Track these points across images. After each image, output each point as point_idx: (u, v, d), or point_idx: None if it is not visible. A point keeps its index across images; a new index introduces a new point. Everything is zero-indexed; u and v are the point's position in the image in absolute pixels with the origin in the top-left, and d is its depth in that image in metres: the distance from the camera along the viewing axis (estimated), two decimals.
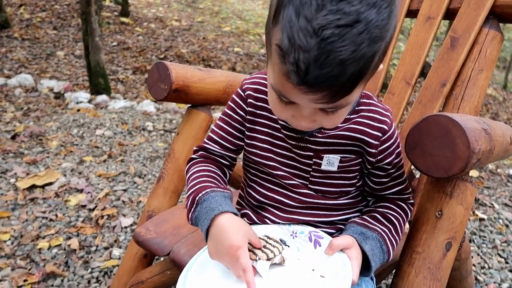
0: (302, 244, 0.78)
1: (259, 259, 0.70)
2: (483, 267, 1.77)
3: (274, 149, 0.82)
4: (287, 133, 0.80)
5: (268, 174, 0.84)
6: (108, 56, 6.31)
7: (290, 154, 0.81)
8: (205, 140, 0.90)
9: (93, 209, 1.98)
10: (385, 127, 0.77)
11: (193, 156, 0.91)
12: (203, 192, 0.76)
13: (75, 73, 5.28)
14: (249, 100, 0.84)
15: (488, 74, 1.16)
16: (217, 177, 0.84)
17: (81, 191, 2.13)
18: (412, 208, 0.87)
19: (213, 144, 0.89)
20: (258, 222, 0.85)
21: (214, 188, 0.78)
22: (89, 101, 3.71)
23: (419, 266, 0.80)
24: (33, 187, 2.11)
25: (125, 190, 2.18)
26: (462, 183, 0.80)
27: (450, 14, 1.23)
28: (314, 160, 0.79)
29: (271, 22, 0.57)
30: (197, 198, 0.76)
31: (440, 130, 0.68)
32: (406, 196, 0.86)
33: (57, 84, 4.05)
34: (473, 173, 2.72)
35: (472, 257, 1.81)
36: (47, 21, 7.78)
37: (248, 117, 0.84)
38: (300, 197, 0.82)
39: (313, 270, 0.72)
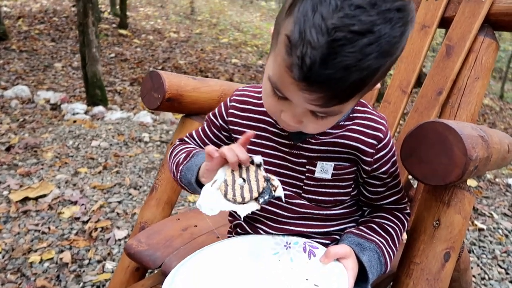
0: (296, 255, 0.75)
1: (225, 181, 0.65)
2: (483, 278, 1.74)
3: (265, 158, 0.80)
4: (279, 140, 0.79)
5: None
6: (105, 68, 6.32)
7: (283, 163, 0.79)
8: (187, 134, 0.92)
9: (87, 222, 1.94)
10: (381, 135, 0.76)
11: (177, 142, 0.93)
12: (197, 150, 0.80)
13: (72, 85, 5.28)
14: (230, 110, 0.84)
15: (485, 82, 1.15)
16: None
17: (75, 203, 2.10)
18: (408, 218, 0.85)
19: (192, 140, 0.90)
20: (252, 233, 0.82)
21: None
22: (86, 112, 3.70)
23: (417, 277, 0.78)
24: (26, 199, 2.08)
25: (119, 202, 2.15)
26: (460, 192, 0.78)
27: (445, 23, 1.22)
28: (307, 167, 0.77)
29: (285, 13, 0.57)
30: (191, 154, 0.79)
31: (436, 137, 0.67)
32: (403, 205, 0.85)
33: (54, 96, 4.04)
34: (471, 182, 2.71)
35: (472, 268, 1.78)
36: (45, 33, 7.82)
37: (230, 127, 0.84)
38: (294, 207, 0.79)
39: (307, 279, 0.69)
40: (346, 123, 0.77)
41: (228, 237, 0.90)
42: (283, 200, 0.73)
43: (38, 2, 9.96)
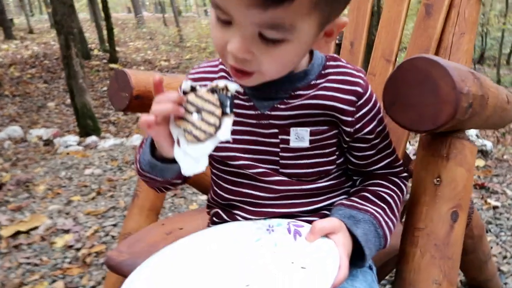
0: (280, 238, 0.65)
1: (184, 130, 0.57)
2: (505, 257, 1.62)
3: (232, 136, 0.71)
4: (244, 112, 0.69)
5: (231, 166, 0.72)
6: (99, 101, 6.33)
7: (251, 138, 0.69)
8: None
9: (81, 248, 1.85)
10: (359, 89, 0.66)
11: None
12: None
13: (66, 121, 5.27)
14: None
15: (471, 37, 1.07)
16: None
17: (68, 231, 2.01)
18: (406, 183, 0.75)
19: None
20: (229, 220, 0.73)
21: None
22: (79, 144, 3.65)
23: (423, 244, 0.68)
24: (17, 233, 1.99)
25: (114, 225, 2.06)
26: (459, 142, 0.69)
27: None
28: (280, 137, 0.67)
29: None
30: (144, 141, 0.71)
31: (418, 75, 0.59)
32: (398, 169, 0.74)
33: (46, 132, 4.00)
34: (479, 162, 2.60)
35: (492, 247, 1.66)
36: (37, 76, 7.89)
37: None
38: (272, 186, 0.69)
39: (292, 263, 0.59)
40: (318, 81, 0.67)
41: None
42: (241, 91, 0.61)
43: (29, 49, 10.13)
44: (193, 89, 0.58)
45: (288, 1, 0.48)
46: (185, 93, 0.58)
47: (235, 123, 0.68)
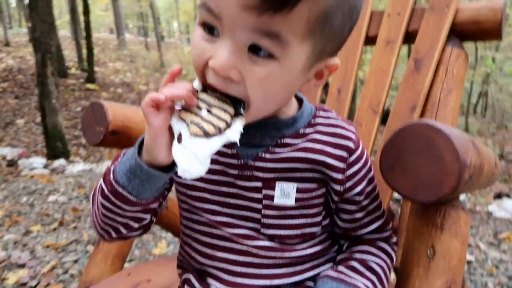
0: None
1: (191, 122, 0.51)
2: None
3: (210, 186, 0.63)
4: (226, 160, 0.62)
5: (207, 223, 0.64)
6: (71, 122, 6.13)
7: (233, 191, 0.63)
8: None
9: (35, 287, 1.69)
10: (351, 144, 0.62)
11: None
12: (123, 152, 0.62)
13: (34, 140, 5.04)
14: None
15: (459, 94, 1.07)
16: None
17: (23, 266, 1.85)
18: (396, 250, 0.70)
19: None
20: None
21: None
22: (45, 167, 3.47)
23: None
24: None
25: (75, 261, 1.91)
26: (454, 211, 0.65)
27: (409, 37, 1.16)
28: (264, 192, 0.61)
29: None
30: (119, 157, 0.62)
31: (421, 141, 0.55)
32: (388, 233, 0.69)
33: (11, 152, 3.80)
34: None
35: None
36: (9, 91, 7.62)
37: None
38: (252, 250, 0.62)
39: None
40: (307, 130, 0.62)
41: None
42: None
43: (3, 62, 9.83)
44: (205, 89, 0.53)
45: (287, 9, 0.45)
46: (197, 91, 0.54)
47: (214, 172, 0.62)
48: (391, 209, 1.07)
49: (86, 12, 7.62)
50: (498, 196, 3.18)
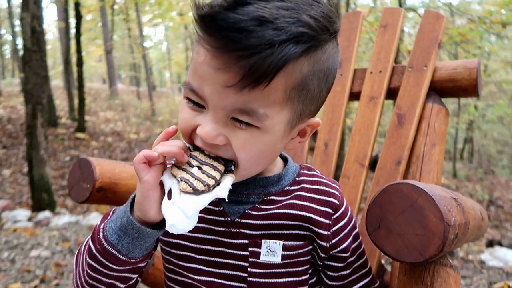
0: None
1: (181, 179, 0.51)
2: None
3: (195, 245, 0.63)
4: (212, 218, 0.63)
5: (192, 285, 0.64)
6: (59, 172, 6.05)
7: (219, 249, 0.63)
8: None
9: None
10: (335, 201, 0.64)
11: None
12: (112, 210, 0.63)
13: (19, 191, 4.94)
14: None
15: (442, 148, 1.10)
16: None
17: None
18: None
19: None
20: None
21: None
22: (29, 219, 3.37)
23: None
24: None
25: None
26: (442, 269, 0.65)
27: (392, 94, 1.21)
28: (250, 249, 0.61)
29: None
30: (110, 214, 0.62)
31: (404, 201, 0.56)
32: None
33: None
34: None
35: None
36: None
37: None
38: None
39: None
40: (292, 187, 0.64)
41: None
42: None
43: None
44: (197, 147, 0.56)
45: (264, 83, 0.48)
46: (189, 149, 0.56)
47: (203, 230, 0.63)
48: (382, 264, 1.06)
49: (80, 63, 7.79)
50: (490, 243, 3.16)
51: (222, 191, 0.52)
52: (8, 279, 2.22)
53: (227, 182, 0.53)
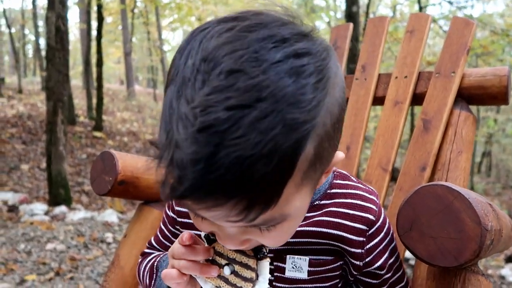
0: None
1: None
2: None
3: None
4: None
5: None
6: (75, 168, 6.14)
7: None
8: (147, 244, 0.74)
9: None
10: (371, 216, 0.57)
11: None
12: (161, 256, 0.63)
13: (37, 186, 5.02)
14: (177, 208, 0.66)
15: (468, 156, 1.08)
16: None
17: None
18: None
19: (153, 249, 0.72)
20: None
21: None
22: (46, 213, 3.42)
23: None
24: None
25: None
26: (474, 277, 0.63)
27: (417, 99, 1.19)
28: (275, 263, 0.58)
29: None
30: (155, 264, 0.62)
31: (438, 203, 0.54)
32: None
33: (13, 197, 3.77)
34: None
35: None
36: (17, 136, 7.72)
37: (178, 219, 0.66)
38: None
39: None
40: (323, 202, 0.58)
41: None
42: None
43: (15, 108, 10.07)
44: (213, 235, 0.50)
45: (275, 201, 0.38)
46: (208, 238, 0.52)
47: None
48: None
49: (100, 64, 7.93)
50: (509, 259, 3.07)
51: (264, 284, 0.49)
52: (24, 271, 2.25)
53: (265, 269, 0.49)
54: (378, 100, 1.26)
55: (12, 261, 2.37)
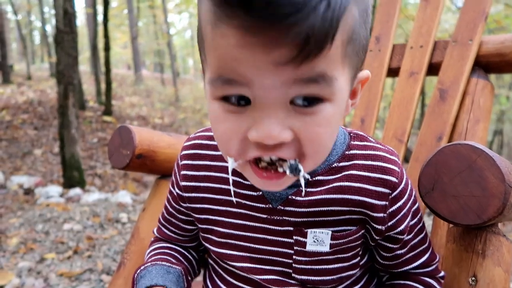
0: None
1: None
2: None
3: (236, 232, 0.60)
4: (253, 204, 0.58)
5: (233, 270, 0.62)
6: (87, 152, 6.21)
7: (261, 236, 0.58)
8: (158, 223, 0.74)
9: None
10: (393, 179, 0.55)
11: (155, 233, 0.75)
12: (141, 268, 0.61)
13: (50, 170, 5.10)
14: (183, 172, 0.62)
15: (486, 125, 1.06)
16: (173, 253, 0.68)
17: None
18: (442, 283, 0.64)
19: (163, 228, 0.72)
20: None
21: (156, 262, 0.62)
22: (61, 195, 3.48)
23: None
24: None
25: None
26: (495, 238, 0.63)
27: (433, 69, 1.17)
28: (295, 238, 0.57)
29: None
30: (135, 276, 0.61)
31: (461, 162, 0.54)
32: (433, 267, 0.63)
33: (28, 180, 3.84)
34: None
35: None
36: (28, 122, 7.81)
37: (185, 195, 0.63)
38: None
39: None
40: (341, 164, 0.55)
41: None
42: None
43: (25, 95, 10.16)
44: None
45: (327, 46, 0.38)
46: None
47: (243, 216, 0.59)
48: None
49: (107, 48, 7.91)
50: None
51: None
52: (43, 250, 2.31)
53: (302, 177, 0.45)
54: (393, 72, 1.25)
55: (31, 241, 2.43)
